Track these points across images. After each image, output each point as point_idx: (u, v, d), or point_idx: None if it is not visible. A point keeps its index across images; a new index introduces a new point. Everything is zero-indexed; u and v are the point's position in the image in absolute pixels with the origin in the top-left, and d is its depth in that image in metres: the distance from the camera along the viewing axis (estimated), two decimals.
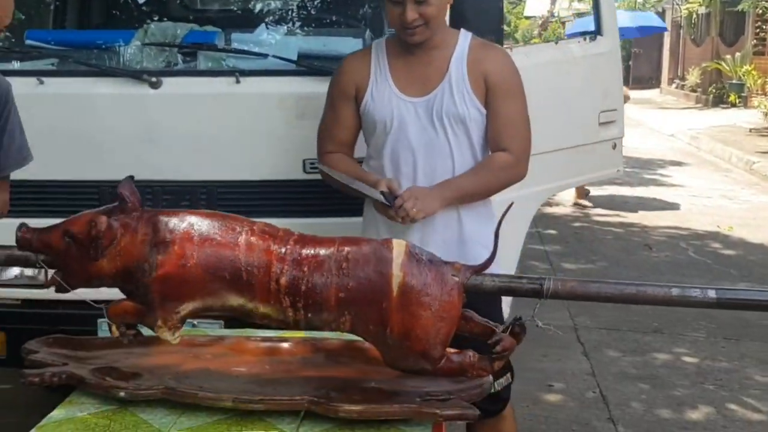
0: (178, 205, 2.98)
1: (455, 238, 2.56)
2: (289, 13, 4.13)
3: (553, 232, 7.87)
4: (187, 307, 1.79)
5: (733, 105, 18.69)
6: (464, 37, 2.55)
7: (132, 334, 1.88)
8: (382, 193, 2.41)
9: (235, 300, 1.77)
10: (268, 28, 3.38)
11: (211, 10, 5.06)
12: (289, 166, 3.03)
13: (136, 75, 3.00)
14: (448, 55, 2.51)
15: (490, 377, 1.83)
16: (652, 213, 8.61)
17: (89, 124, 2.98)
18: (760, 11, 18.97)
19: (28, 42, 3.31)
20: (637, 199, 9.15)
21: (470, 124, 2.52)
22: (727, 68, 19.16)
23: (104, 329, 2.76)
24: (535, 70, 3.39)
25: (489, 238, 2.37)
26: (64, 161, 2.99)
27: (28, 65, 3.17)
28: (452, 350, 1.80)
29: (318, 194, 2.97)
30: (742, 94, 18.63)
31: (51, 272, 1.85)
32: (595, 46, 3.68)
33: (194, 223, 1.78)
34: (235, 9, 4.94)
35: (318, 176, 2.74)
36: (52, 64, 3.22)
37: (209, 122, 3.03)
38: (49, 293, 2.80)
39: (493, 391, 2.00)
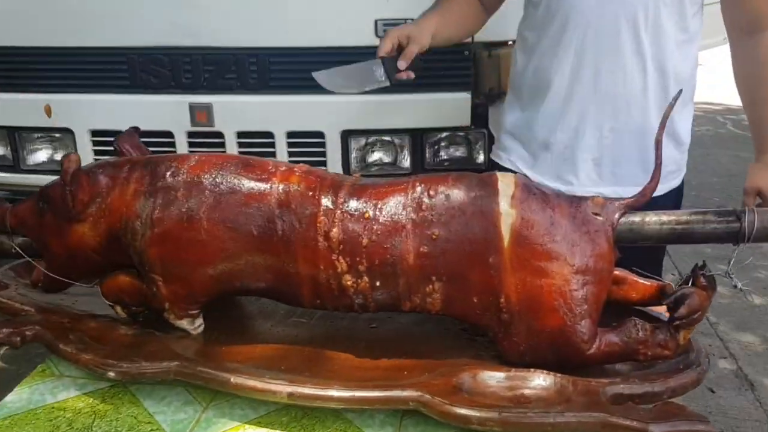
0: (223, 79, 2.18)
1: (626, 125, 1.48)
2: None
3: None
4: (200, 279, 1.05)
5: None
6: None
7: (141, 311, 1.15)
8: (382, 60, 1.46)
9: (267, 264, 1.03)
10: None
11: None
12: (357, 29, 2.10)
13: None
14: None
15: (702, 349, 1.02)
16: None
17: None
18: None
19: None
20: None
21: None
22: None
23: None
24: None
25: (675, 126, 1.51)
26: (84, 23, 2.15)
27: None
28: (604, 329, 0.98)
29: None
30: None
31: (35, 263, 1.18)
32: None
33: (208, 165, 1.06)
34: None
35: None
36: None
37: None
38: None
39: None
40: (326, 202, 1.01)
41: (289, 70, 2.17)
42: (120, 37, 2.17)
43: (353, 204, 1.01)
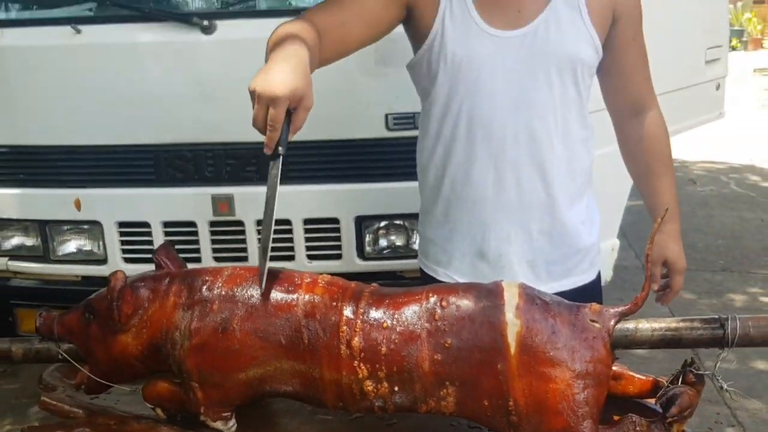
0: (244, 171, 2.31)
1: (552, 225, 1.56)
2: None
3: None
4: (233, 385, 1.14)
5: (734, 49, 18.77)
6: None
7: (179, 413, 1.24)
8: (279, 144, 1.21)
9: (294, 369, 1.13)
10: None
11: None
12: (370, 123, 2.26)
13: (186, 18, 2.21)
14: None
15: None
16: (688, 148, 7.50)
17: (135, 79, 2.25)
18: None
19: None
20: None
21: (580, 68, 1.49)
22: (729, 16, 18.92)
23: None
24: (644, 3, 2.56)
25: (587, 212, 1.59)
26: (108, 123, 2.29)
27: (63, 12, 2.41)
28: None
29: (404, 154, 2.16)
30: (743, 39, 18.72)
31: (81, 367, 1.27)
32: None
33: (240, 279, 1.16)
34: None
35: (405, 133, 1.93)
36: (90, 10, 2.42)
37: None
38: (110, 269, 2.25)
39: None
40: (348, 312, 1.11)
41: (305, 161, 2.27)
42: (147, 134, 2.30)
43: (373, 314, 1.10)
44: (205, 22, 2.18)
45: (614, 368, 1.12)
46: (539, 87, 1.47)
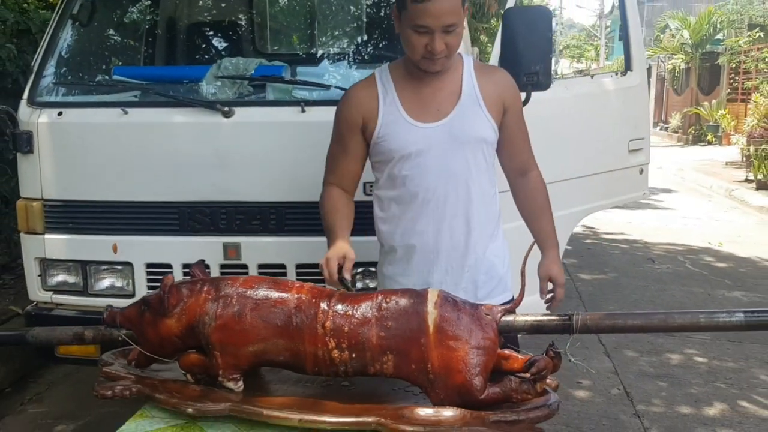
0: (250, 224, 2.86)
1: (477, 260, 2.12)
2: (349, 48, 4.01)
3: (568, 247, 7.50)
4: (244, 354, 1.65)
5: (710, 143, 19.83)
6: (466, 59, 2.10)
7: (203, 377, 1.74)
8: (341, 280, 1.91)
9: (286, 344, 1.63)
10: (330, 63, 3.19)
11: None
12: None
13: (211, 105, 2.79)
14: (458, 77, 2.05)
15: (555, 395, 1.60)
16: (652, 231, 8.48)
17: (168, 151, 2.83)
18: (733, 65, 20.12)
19: (115, 77, 3.17)
20: (637, 220, 9.09)
21: (485, 145, 2.07)
22: (705, 113, 20.30)
23: None
24: (574, 101, 3.24)
25: (501, 250, 2.18)
26: (146, 184, 2.85)
27: (113, 97, 3.01)
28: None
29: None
30: (718, 134, 19.69)
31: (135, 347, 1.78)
32: (626, 80, 3.51)
33: (251, 283, 1.68)
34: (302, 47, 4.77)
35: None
36: (135, 96, 3.03)
37: (277, 148, 2.81)
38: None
39: None
40: (323, 305, 1.62)
41: (298, 218, 2.81)
42: (174, 194, 2.83)
43: (339, 307, 1.62)
44: (226, 108, 2.76)
45: (505, 351, 1.63)
46: (459, 162, 2.04)
